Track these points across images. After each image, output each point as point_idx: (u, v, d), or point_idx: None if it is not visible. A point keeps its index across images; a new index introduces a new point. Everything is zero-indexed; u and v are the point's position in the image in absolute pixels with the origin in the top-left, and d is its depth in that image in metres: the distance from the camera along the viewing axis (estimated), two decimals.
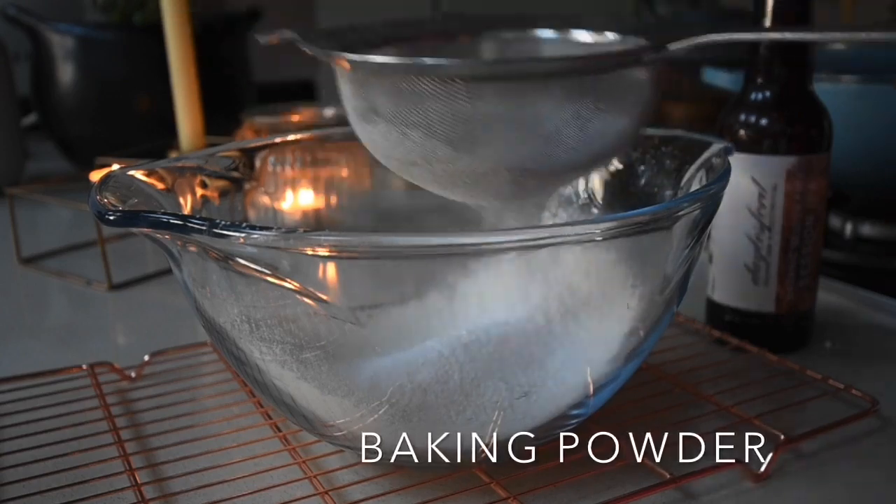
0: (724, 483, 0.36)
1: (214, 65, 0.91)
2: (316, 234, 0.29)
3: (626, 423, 0.40)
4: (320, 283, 0.31)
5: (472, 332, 0.35)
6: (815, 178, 0.47)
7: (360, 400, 0.33)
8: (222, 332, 0.34)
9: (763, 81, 0.47)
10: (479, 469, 0.36)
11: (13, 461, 0.38)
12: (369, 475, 0.37)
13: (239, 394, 0.44)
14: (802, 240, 0.47)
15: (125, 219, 0.31)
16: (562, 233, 0.30)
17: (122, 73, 0.94)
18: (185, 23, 0.68)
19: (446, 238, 0.29)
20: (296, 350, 0.32)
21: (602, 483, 0.36)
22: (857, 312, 0.56)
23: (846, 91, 0.64)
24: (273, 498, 0.35)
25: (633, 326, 0.35)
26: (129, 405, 0.44)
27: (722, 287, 0.50)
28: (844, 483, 0.37)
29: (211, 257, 0.31)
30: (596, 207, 0.48)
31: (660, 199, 0.44)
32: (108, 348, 0.53)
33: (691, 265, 0.36)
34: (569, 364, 0.34)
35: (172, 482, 0.37)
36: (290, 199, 0.49)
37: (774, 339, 0.49)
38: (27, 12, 0.94)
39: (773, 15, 0.45)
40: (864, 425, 0.41)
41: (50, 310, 0.62)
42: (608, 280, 0.34)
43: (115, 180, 0.36)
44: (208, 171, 0.43)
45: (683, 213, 0.33)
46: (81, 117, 0.95)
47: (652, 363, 0.46)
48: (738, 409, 0.42)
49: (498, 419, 0.33)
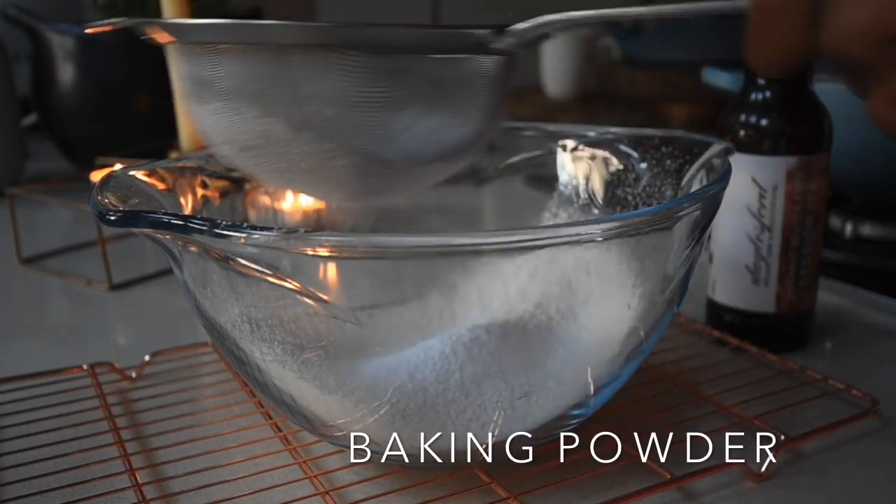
0: (725, 483, 0.36)
1: None
2: (316, 235, 0.29)
3: (627, 424, 0.40)
4: (321, 283, 0.31)
5: (472, 331, 0.35)
6: (815, 179, 0.47)
7: (361, 400, 0.33)
8: (223, 332, 0.34)
9: (763, 82, 0.47)
10: (480, 469, 0.36)
11: (13, 461, 0.38)
12: (369, 475, 0.37)
13: (239, 394, 0.44)
14: (802, 240, 0.47)
15: (126, 219, 0.31)
16: (562, 233, 0.30)
17: (122, 73, 0.94)
18: None
19: (446, 238, 0.29)
20: (296, 350, 0.32)
21: (602, 483, 0.36)
22: (857, 312, 0.56)
23: (846, 91, 0.63)
24: (273, 498, 0.35)
25: (634, 327, 0.35)
26: (130, 405, 0.44)
27: (722, 287, 0.50)
28: (845, 483, 0.37)
29: (212, 257, 0.31)
30: (596, 208, 0.48)
31: (660, 200, 0.44)
32: (108, 348, 0.53)
33: (692, 265, 0.36)
34: (569, 364, 0.34)
35: (173, 482, 0.37)
36: (290, 200, 0.49)
37: (774, 339, 0.49)
38: (27, 12, 0.94)
39: None
40: (864, 425, 0.41)
41: (50, 310, 0.62)
42: (609, 280, 0.34)
43: (116, 180, 0.36)
44: (209, 172, 0.43)
45: (684, 214, 0.33)
46: (81, 117, 0.95)
47: (652, 363, 0.46)
48: (738, 409, 0.42)
49: (498, 419, 0.33)
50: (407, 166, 0.36)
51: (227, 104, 0.34)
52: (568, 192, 0.49)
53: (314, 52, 0.32)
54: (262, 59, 0.32)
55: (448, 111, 0.35)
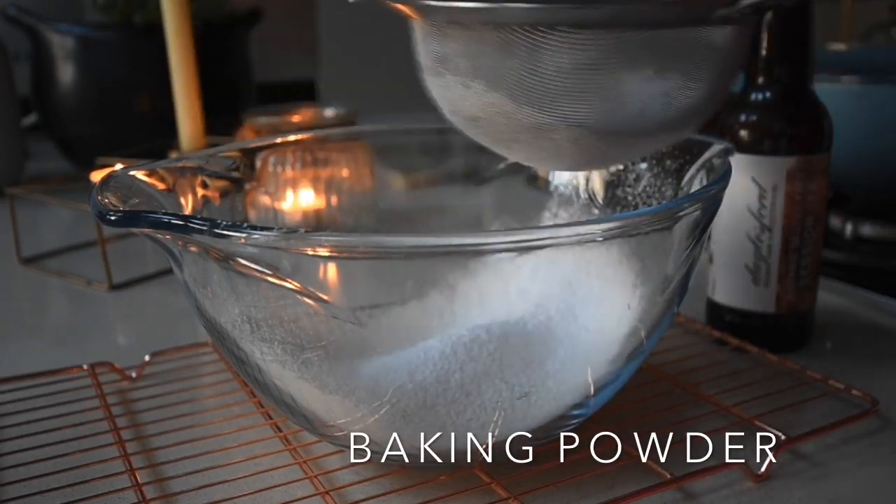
0: (725, 483, 0.36)
1: (215, 65, 0.91)
2: (316, 235, 0.29)
3: (627, 424, 0.40)
4: (321, 283, 0.31)
5: (472, 331, 0.35)
6: (816, 179, 0.47)
7: (361, 400, 0.33)
8: (223, 332, 0.34)
9: (763, 81, 0.47)
10: (480, 469, 0.36)
11: (13, 461, 0.38)
12: (370, 475, 0.37)
13: (239, 394, 0.44)
14: (802, 240, 0.47)
15: (126, 219, 0.31)
16: (562, 233, 0.30)
17: (122, 73, 0.94)
18: (186, 23, 0.68)
19: (446, 238, 0.29)
20: (297, 350, 0.32)
21: (602, 483, 0.36)
22: (857, 312, 0.56)
23: (846, 91, 0.64)
24: (273, 498, 0.35)
25: (634, 327, 0.35)
26: (130, 405, 0.44)
27: (722, 287, 0.50)
28: (844, 483, 0.37)
29: (212, 257, 0.31)
30: (596, 208, 0.48)
31: (660, 200, 0.44)
32: (108, 348, 0.53)
33: (692, 265, 0.36)
34: (569, 364, 0.34)
35: (173, 482, 0.37)
36: (290, 200, 0.49)
37: (774, 339, 0.49)
38: (27, 12, 0.94)
39: (773, 15, 0.45)
40: (864, 425, 0.41)
41: (50, 310, 0.62)
42: (609, 280, 0.34)
43: (116, 180, 0.36)
44: (209, 172, 0.43)
45: (684, 214, 0.33)
46: (81, 117, 0.95)
47: (652, 363, 0.46)
48: (738, 409, 0.42)
49: (498, 419, 0.33)
50: (627, 137, 0.37)
51: (458, 79, 0.36)
52: (568, 192, 0.49)
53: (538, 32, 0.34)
54: (490, 38, 0.35)
55: (674, 81, 0.35)
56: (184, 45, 0.69)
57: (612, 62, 0.34)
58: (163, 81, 0.73)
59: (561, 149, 0.37)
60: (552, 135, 0.36)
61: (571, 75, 0.34)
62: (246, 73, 1.04)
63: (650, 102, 0.35)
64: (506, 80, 0.35)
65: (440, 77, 0.38)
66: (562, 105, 0.35)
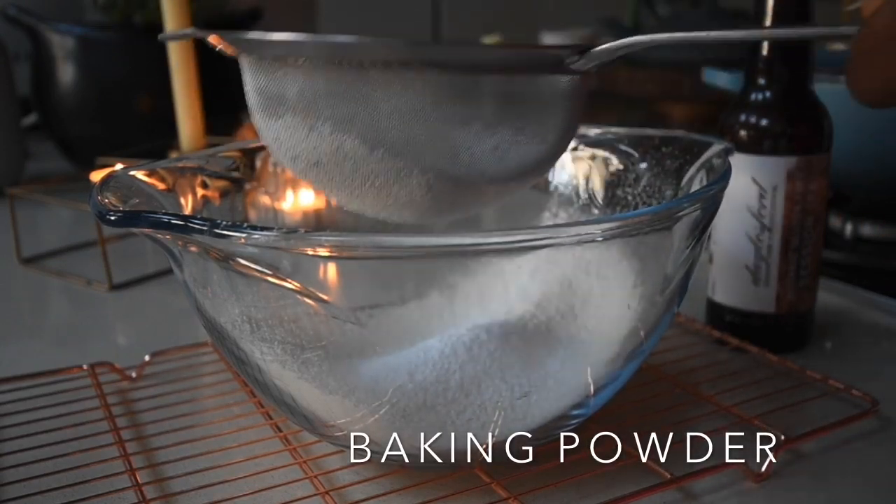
0: (725, 483, 0.36)
1: (215, 65, 0.91)
2: (317, 235, 0.29)
3: (627, 424, 0.40)
4: (321, 283, 0.31)
5: (472, 331, 0.35)
6: (816, 179, 0.47)
7: (361, 400, 0.33)
8: (223, 332, 0.34)
9: (763, 82, 0.47)
10: (480, 469, 0.36)
11: (13, 461, 0.38)
12: (370, 475, 0.37)
13: (239, 394, 0.44)
14: (802, 240, 0.47)
15: (126, 219, 0.31)
16: (562, 233, 0.30)
17: (122, 73, 0.94)
18: (186, 23, 0.68)
19: (446, 238, 0.29)
20: (297, 350, 0.32)
21: (602, 483, 0.36)
22: (857, 312, 0.56)
23: (846, 91, 0.63)
24: (274, 498, 0.35)
25: (634, 327, 0.35)
26: (130, 405, 0.44)
27: (722, 287, 0.50)
28: (844, 483, 0.37)
29: (212, 258, 0.31)
30: (596, 208, 0.48)
31: (660, 200, 0.44)
32: (108, 348, 0.53)
33: (692, 265, 0.36)
34: (569, 364, 0.34)
35: (173, 482, 0.37)
36: (290, 200, 0.49)
37: (774, 339, 0.49)
38: (27, 12, 0.94)
39: (774, 14, 0.45)
40: (864, 425, 0.41)
41: (50, 310, 0.62)
42: (609, 280, 0.34)
43: (116, 180, 0.36)
44: (209, 172, 0.43)
45: (684, 214, 0.33)
46: (81, 117, 0.95)
47: (652, 363, 0.46)
48: (738, 409, 0.42)
49: (498, 419, 0.33)
50: (478, 185, 0.35)
51: (301, 120, 0.33)
52: (568, 192, 0.49)
53: (392, 70, 0.32)
54: (339, 75, 0.32)
55: (524, 129, 0.34)
56: (184, 45, 0.69)
57: (464, 106, 0.33)
58: (163, 81, 0.73)
59: (413, 196, 0.35)
60: (407, 181, 0.34)
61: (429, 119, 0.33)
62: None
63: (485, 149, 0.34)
64: (354, 122, 0.33)
65: (278, 119, 0.34)
66: (419, 148, 0.33)
